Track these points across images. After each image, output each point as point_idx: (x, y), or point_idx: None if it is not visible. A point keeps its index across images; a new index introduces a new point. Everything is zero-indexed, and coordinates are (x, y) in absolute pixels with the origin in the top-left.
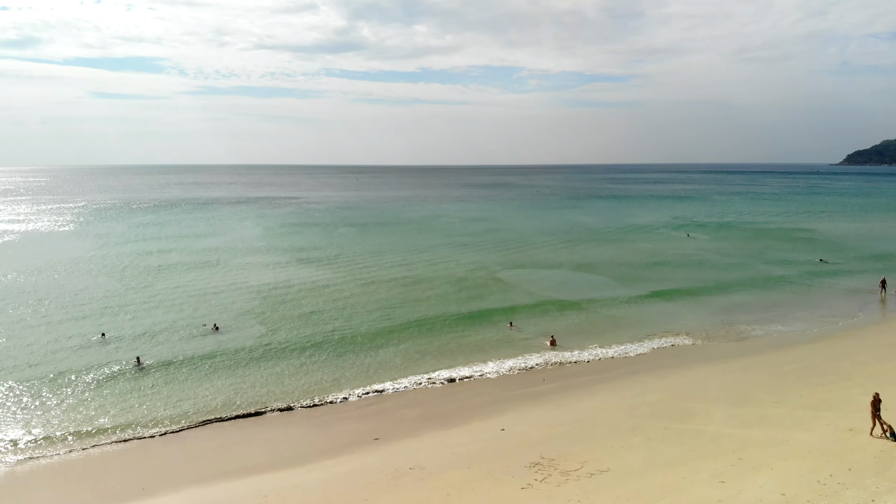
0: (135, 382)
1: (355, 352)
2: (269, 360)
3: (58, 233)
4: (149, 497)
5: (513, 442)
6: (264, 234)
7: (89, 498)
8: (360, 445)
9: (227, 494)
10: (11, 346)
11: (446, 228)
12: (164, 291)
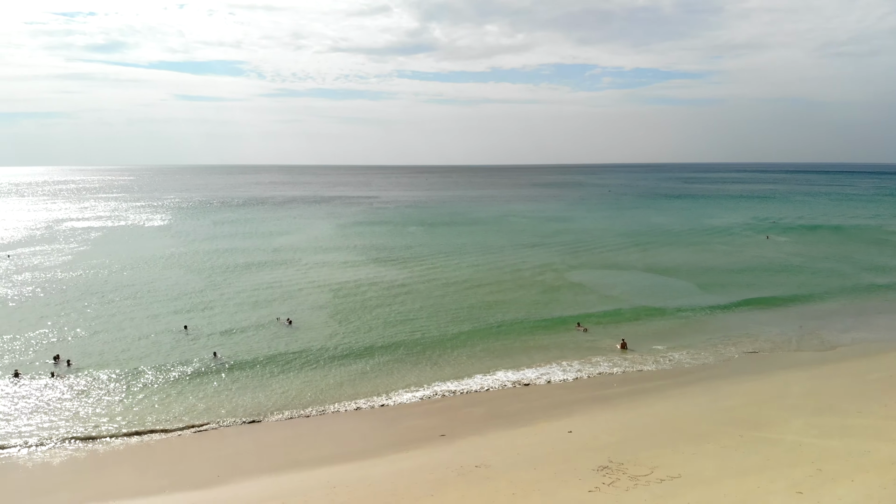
0: (212, 375)
1: (423, 350)
2: (339, 356)
3: (144, 229)
4: (223, 483)
5: (580, 444)
6: (337, 233)
7: (166, 483)
8: (427, 441)
9: (298, 484)
10: (104, 336)
11: (515, 228)
12: (242, 287)
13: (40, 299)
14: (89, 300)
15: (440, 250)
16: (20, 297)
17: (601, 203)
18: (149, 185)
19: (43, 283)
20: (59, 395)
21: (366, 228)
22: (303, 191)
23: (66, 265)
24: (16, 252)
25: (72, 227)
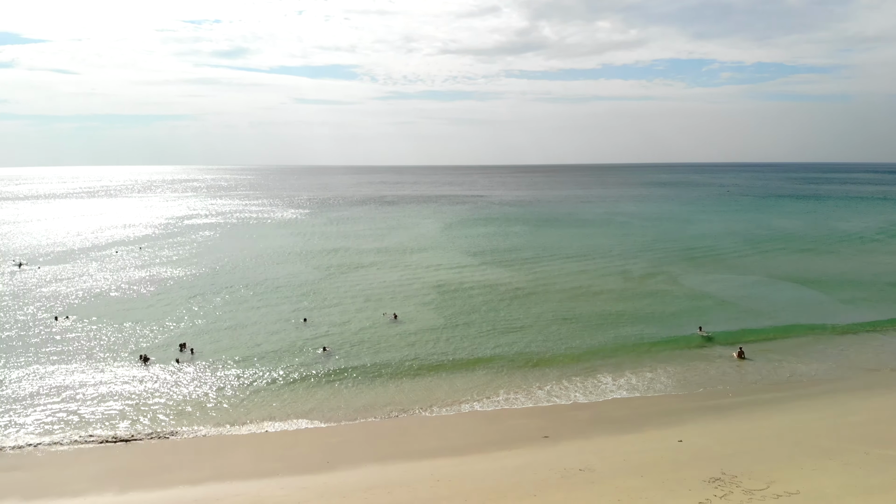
0: (323, 368)
1: (525, 350)
2: (441, 353)
3: (265, 225)
4: (332, 470)
5: (691, 454)
6: (443, 232)
7: (279, 466)
8: (529, 442)
9: (403, 474)
10: (225, 326)
11: (624, 229)
12: (353, 281)
13: (169, 289)
14: (214, 291)
15: (546, 251)
16: (151, 286)
17: (718, 204)
18: (269, 185)
19: (172, 274)
20: (182, 381)
21: (471, 228)
22: (411, 190)
23: (194, 258)
24: (149, 244)
25: (199, 222)
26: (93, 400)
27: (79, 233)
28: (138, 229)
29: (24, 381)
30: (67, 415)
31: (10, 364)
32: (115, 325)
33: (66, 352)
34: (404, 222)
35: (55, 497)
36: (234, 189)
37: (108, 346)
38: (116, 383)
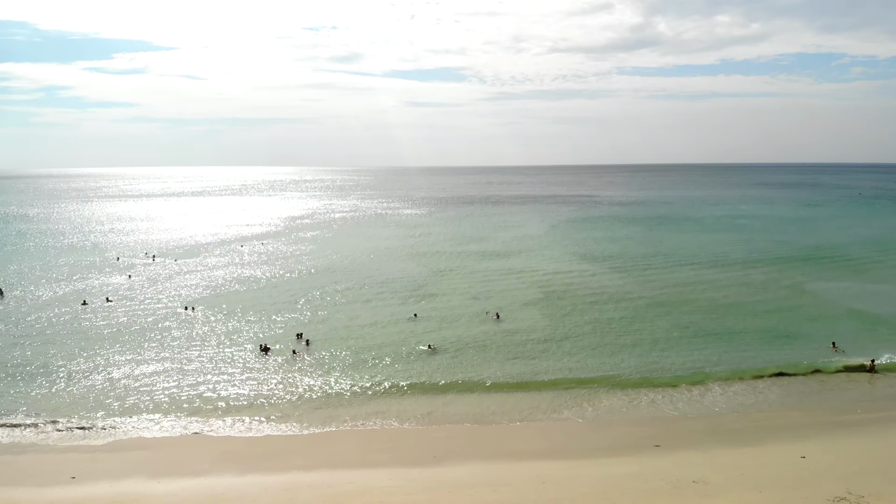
0: (428, 364)
1: (634, 354)
2: (543, 353)
3: (379, 224)
4: (438, 464)
5: (814, 471)
6: (548, 232)
7: (386, 458)
8: (639, 449)
9: (508, 474)
10: (340, 319)
11: (743, 232)
12: (459, 280)
13: (288, 282)
14: (329, 285)
15: (659, 255)
16: (272, 279)
17: (849, 207)
18: (380, 185)
19: (291, 268)
20: (297, 372)
21: (578, 229)
22: (517, 191)
23: (311, 253)
24: (269, 240)
25: (316, 220)
26: (216, 386)
27: (206, 228)
28: (260, 226)
29: (153, 365)
30: (190, 399)
31: (143, 350)
32: (238, 316)
33: (193, 340)
34: (510, 222)
35: (178, 476)
36: (348, 189)
37: (232, 336)
38: (238, 371)
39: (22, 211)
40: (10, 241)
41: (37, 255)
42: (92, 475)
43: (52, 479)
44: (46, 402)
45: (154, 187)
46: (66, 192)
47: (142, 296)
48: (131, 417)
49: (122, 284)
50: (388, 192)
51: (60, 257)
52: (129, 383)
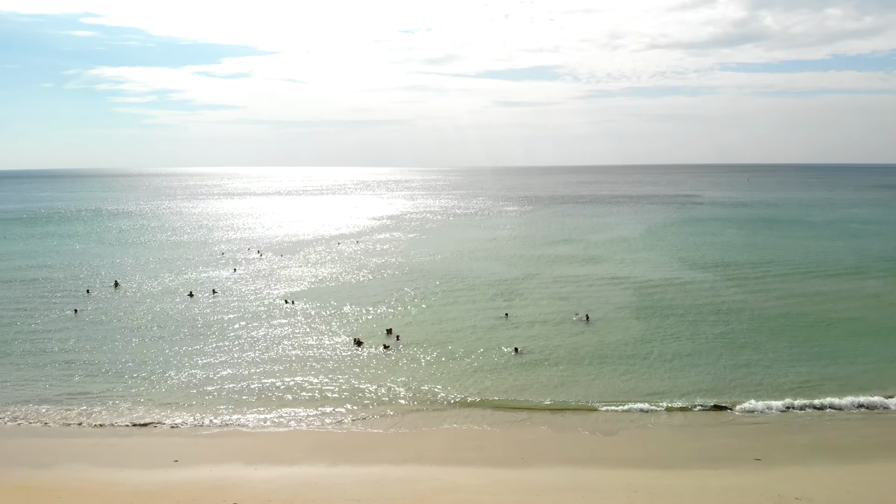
0: (516, 366)
1: (733, 363)
2: (634, 359)
3: (469, 223)
4: (526, 466)
5: None
6: (644, 233)
7: (475, 456)
8: (737, 462)
9: (597, 480)
10: (430, 316)
11: (856, 238)
12: (549, 280)
13: (380, 279)
14: (420, 282)
15: (763, 260)
16: (365, 276)
17: None
18: (472, 185)
19: (383, 266)
20: (388, 367)
21: (676, 231)
22: (611, 190)
23: (403, 251)
24: (364, 238)
25: (409, 219)
26: (311, 377)
27: (305, 226)
28: (355, 224)
29: (253, 354)
30: (287, 389)
31: (244, 340)
32: (333, 309)
33: (292, 332)
34: (603, 224)
35: (274, 464)
36: (439, 189)
37: (328, 329)
38: (332, 363)
39: (136, 207)
40: (126, 236)
41: (149, 249)
42: (194, 459)
43: (157, 462)
44: (152, 388)
45: (257, 186)
46: (175, 189)
47: (245, 289)
48: (230, 406)
49: (227, 278)
50: (479, 192)
51: (170, 252)
52: (229, 372)
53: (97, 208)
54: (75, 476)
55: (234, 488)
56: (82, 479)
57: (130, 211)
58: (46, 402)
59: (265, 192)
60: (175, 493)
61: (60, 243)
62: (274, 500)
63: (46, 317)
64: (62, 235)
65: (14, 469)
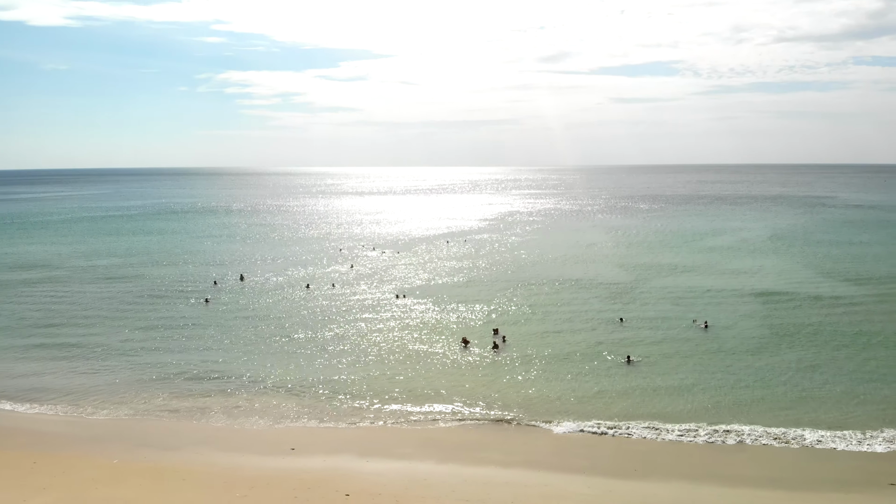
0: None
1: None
2: (754, 371)
3: (578, 223)
4: (640, 478)
5: None
6: (770, 237)
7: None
8: (872, 487)
9: (717, 499)
10: (538, 317)
11: None
12: (664, 283)
13: (488, 278)
14: (528, 283)
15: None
16: (473, 274)
17: None
18: (583, 184)
19: (491, 264)
20: (495, 368)
21: (805, 235)
22: (733, 190)
23: (512, 251)
24: (472, 237)
25: (517, 219)
26: (420, 374)
27: (418, 224)
28: (465, 223)
29: (365, 348)
30: (396, 384)
31: (359, 334)
32: (443, 307)
33: (403, 328)
34: (725, 226)
35: (384, 457)
36: (550, 188)
37: (437, 326)
38: (441, 361)
39: (262, 204)
40: (252, 232)
41: (272, 245)
42: (309, 448)
43: (274, 449)
44: (269, 376)
45: (372, 185)
46: (297, 188)
47: (360, 284)
48: (343, 397)
49: (345, 273)
50: (591, 191)
51: (291, 247)
52: (343, 364)
53: (227, 206)
54: (200, 459)
55: (346, 479)
56: (206, 462)
57: (258, 208)
58: (175, 386)
59: (380, 192)
60: (291, 480)
61: (193, 238)
62: (385, 494)
63: (182, 305)
64: (194, 231)
65: (144, 450)
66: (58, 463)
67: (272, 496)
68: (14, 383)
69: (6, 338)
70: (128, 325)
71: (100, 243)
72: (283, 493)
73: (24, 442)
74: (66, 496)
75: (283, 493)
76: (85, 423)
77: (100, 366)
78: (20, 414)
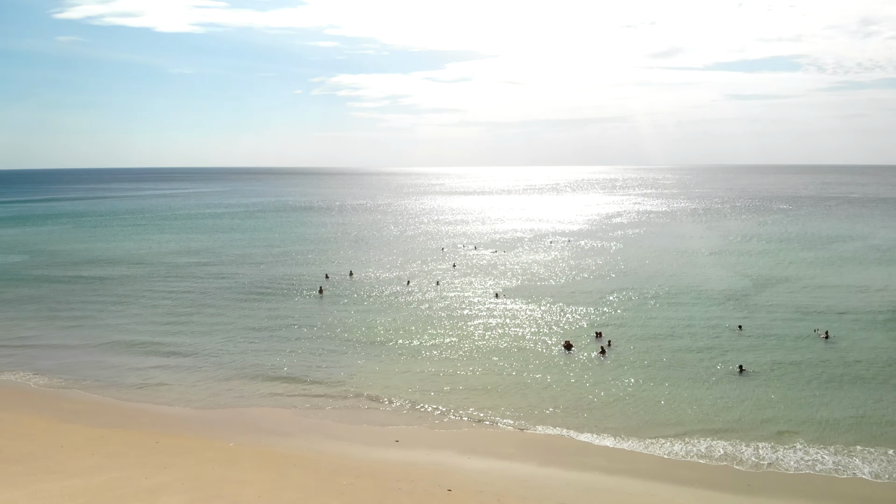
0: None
1: None
2: (882, 387)
3: (690, 225)
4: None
5: None
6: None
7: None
8: None
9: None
10: (645, 322)
11: None
12: (784, 291)
13: (591, 280)
14: (634, 286)
15: None
16: (576, 275)
17: None
18: (696, 184)
19: (596, 265)
20: (600, 374)
21: None
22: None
23: (617, 252)
24: (576, 237)
25: (624, 220)
26: (521, 375)
27: (520, 224)
28: (568, 224)
29: (467, 346)
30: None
31: (460, 332)
32: (542, 308)
33: (501, 327)
34: (852, 231)
35: (486, 456)
36: (660, 188)
37: (536, 328)
38: (542, 364)
39: (372, 203)
40: (361, 230)
41: (379, 241)
42: (412, 442)
43: (379, 440)
44: (373, 369)
45: (475, 185)
46: (403, 188)
47: (462, 282)
48: (444, 394)
49: (446, 271)
50: (703, 191)
51: (397, 245)
52: (443, 360)
53: (342, 204)
54: (309, 446)
55: (448, 474)
56: (315, 450)
57: (367, 206)
58: (285, 376)
59: (482, 191)
60: (395, 471)
61: (307, 233)
62: (486, 492)
63: (297, 298)
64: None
65: (257, 435)
66: (178, 444)
67: (377, 485)
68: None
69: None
70: (249, 315)
71: (222, 238)
72: (388, 484)
73: (149, 422)
74: (185, 475)
75: (387, 483)
76: (202, 409)
77: (218, 352)
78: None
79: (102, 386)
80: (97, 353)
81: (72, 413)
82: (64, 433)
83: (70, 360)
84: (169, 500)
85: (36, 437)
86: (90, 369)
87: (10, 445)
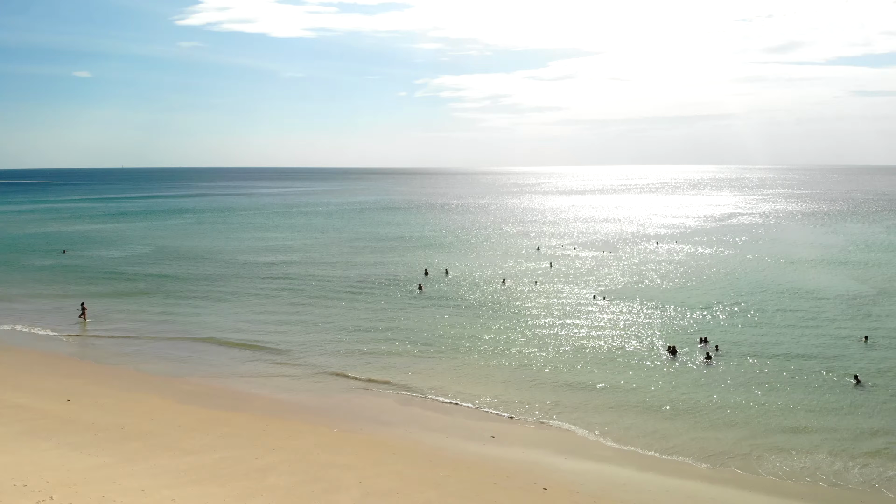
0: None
1: None
2: None
3: (804, 229)
4: None
5: None
6: None
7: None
8: None
9: None
10: (756, 329)
11: None
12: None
13: (699, 283)
14: (747, 291)
15: None
16: (682, 279)
17: None
18: (816, 185)
19: (704, 269)
20: (706, 382)
21: None
22: None
23: (730, 256)
24: (684, 240)
25: (738, 221)
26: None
27: (623, 225)
28: (676, 225)
29: (564, 348)
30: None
31: (555, 334)
32: (644, 312)
33: (600, 329)
34: None
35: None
36: (777, 189)
37: (637, 331)
38: (642, 368)
39: (472, 203)
40: (458, 228)
41: (476, 240)
42: (508, 439)
43: (475, 435)
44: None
45: (576, 184)
46: (503, 187)
47: (559, 283)
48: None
49: (544, 271)
50: (825, 193)
51: (493, 244)
52: (540, 361)
53: (444, 203)
54: (408, 436)
55: (544, 473)
56: (414, 440)
57: (469, 205)
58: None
59: (584, 191)
60: (490, 467)
61: (406, 230)
62: (581, 493)
63: (398, 293)
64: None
65: (360, 423)
66: (286, 428)
67: (473, 479)
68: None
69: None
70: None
71: (332, 235)
72: (483, 479)
73: (258, 407)
74: (292, 458)
75: (482, 477)
76: (308, 396)
77: (323, 344)
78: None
79: (216, 375)
80: (212, 345)
81: (188, 394)
82: (181, 412)
83: (186, 351)
84: (276, 480)
85: (155, 416)
86: (207, 356)
87: (133, 423)
